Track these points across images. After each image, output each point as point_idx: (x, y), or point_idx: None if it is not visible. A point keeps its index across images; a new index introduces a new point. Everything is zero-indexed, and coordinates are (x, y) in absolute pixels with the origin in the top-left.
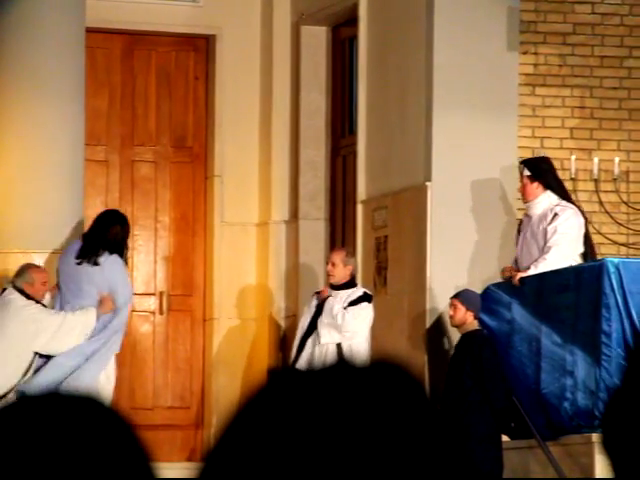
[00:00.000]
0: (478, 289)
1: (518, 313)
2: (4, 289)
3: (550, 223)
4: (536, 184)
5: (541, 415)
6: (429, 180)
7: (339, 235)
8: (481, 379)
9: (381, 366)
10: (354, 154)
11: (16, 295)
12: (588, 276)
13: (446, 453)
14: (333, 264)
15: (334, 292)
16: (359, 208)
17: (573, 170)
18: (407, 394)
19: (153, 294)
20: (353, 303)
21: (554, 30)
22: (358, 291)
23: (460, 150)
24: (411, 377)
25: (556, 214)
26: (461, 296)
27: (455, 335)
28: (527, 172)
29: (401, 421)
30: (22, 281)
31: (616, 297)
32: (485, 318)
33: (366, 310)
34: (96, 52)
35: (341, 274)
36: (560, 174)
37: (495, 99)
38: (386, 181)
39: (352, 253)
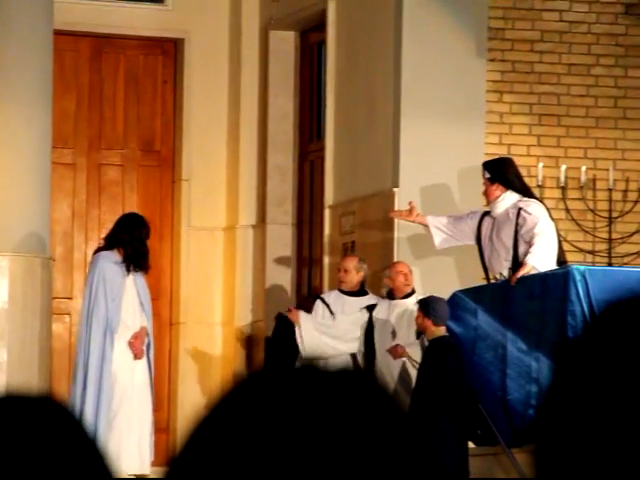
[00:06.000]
0: (445, 295)
1: (484, 320)
2: None
3: (517, 219)
4: (496, 185)
5: (506, 422)
6: (397, 186)
7: (306, 240)
8: (446, 385)
9: (348, 372)
10: (322, 159)
11: None
12: (554, 283)
13: (412, 459)
14: (345, 270)
15: (345, 297)
16: (326, 213)
17: (540, 177)
18: (375, 401)
19: None
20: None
21: (522, 37)
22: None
23: (427, 156)
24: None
25: (520, 208)
26: (420, 303)
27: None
28: (487, 174)
29: (367, 427)
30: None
31: (582, 305)
32: (451, 324)
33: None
34: (64, 54)
35: (354, 281)
36: (527, 181)
37: (463, 105)
38: (354, 186)
39: (364, 260)
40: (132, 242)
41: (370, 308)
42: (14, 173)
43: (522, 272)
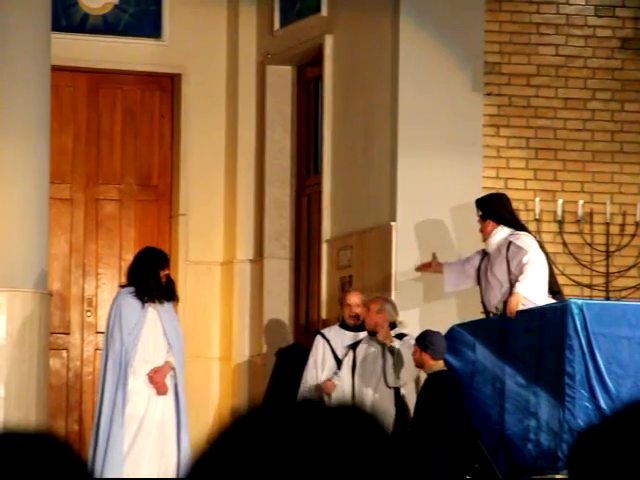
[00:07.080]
0: (443, 329)
1: (482, 354)
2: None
3: (507, 252)
4: (488, 221)
5: (505, 456)
6: (394, 220)
7: (304, 274)
8: (445, 419)
9: (346, 408)
10: (319, 194)
11: None
12: (552, 317)
13: None
14: (357, 305)
15: (346, 332)
16: (324, 247)
17: (537, 211)
18: (370, 436)
19: None
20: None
21: (518, 72)
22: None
23: (425, 190)
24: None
25: (510, 242)
26: (417, 337)
27: (423, 376)
28: (479, 212)
29: (365, 463)
30: None
31: (580, 339)
32: (449, 358)
33: None
34: (61, 90)
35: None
36: (524, 215)
37: (460, 140)
38: (351, 221)
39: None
40: (138, 275)
41: (354, 346)
42: (12, 208)
43: (514, 301)
